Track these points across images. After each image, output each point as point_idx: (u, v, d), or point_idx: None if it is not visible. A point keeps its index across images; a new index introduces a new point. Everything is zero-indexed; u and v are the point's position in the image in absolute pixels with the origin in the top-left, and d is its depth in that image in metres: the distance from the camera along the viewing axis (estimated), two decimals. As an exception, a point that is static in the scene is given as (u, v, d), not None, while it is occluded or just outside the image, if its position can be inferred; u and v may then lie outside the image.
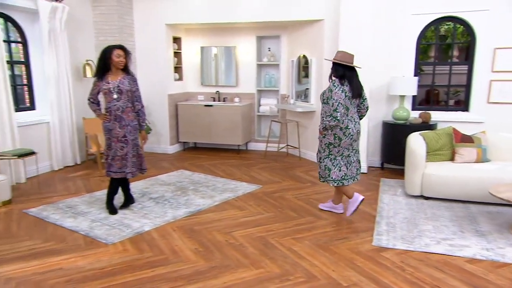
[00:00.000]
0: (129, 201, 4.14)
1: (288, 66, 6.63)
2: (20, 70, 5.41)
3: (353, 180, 3.76)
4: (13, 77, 5.20)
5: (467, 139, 4.45)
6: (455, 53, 7.61)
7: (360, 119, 3.77)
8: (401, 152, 5.01)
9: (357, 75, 3.61)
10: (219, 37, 6.93)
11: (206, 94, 7.19)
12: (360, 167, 3.84)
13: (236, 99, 6.87)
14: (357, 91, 3.57)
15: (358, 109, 3.71)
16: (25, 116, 5.28)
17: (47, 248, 3.21)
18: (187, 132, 6.88)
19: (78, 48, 5.89)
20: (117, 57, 3.69)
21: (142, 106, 3.92)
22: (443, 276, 2.76)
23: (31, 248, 3.21)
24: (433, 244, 3.23)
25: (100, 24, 6.11)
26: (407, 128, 5.20)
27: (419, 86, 5.49)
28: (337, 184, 3.72)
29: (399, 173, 5.40)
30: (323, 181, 3.80)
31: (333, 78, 3.60)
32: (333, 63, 3.59)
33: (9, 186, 4.25)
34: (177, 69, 6.95)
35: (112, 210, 3.94)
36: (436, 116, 5.45)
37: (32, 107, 5.51)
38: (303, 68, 6.37)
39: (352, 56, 3.57)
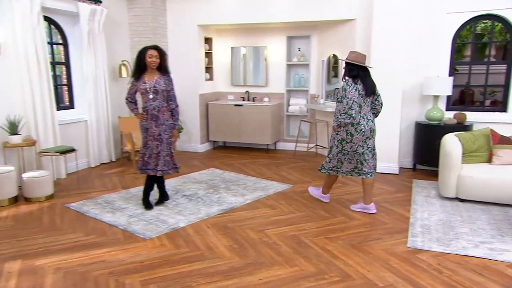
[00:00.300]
0: (164, 198, 4.26)
1: (318, 66, 6.62)
2: (60, 70, 5.66)
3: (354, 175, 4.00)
4: (54, 77, 5.43)
5: (506, 141, 4.33)
6: (492, 52, 7.38)
7: (376, 116, 3.96)
8: (434, 153, 4.92)
9: (369, 75, 3.80)
10: (249, 37, 6.99)
11: (236, 94, 7.27)
12: (375, 165, 3.94)
13: (266, 99, 6.92)
14: (370, 89, 3.77)
15: (373, 106, 3.88)
16: (65, 115, 5.51)
17: (90, 241, 3.36)
18: (217, 131, 6.98)
19: (114, 49, 6.09)
20: (149, 57, 3.78)
21: (176, 106, 3.99)
22: (483, 280, 2.71)
23: (75, 241, 3.36)
24: (471, 247, 3.17)
25: (135, 26, 6.29)
26: (441, 128, 5.10)
27: (454, 86, 5.36)
28: (346, 175, 4.00)
29: (432, 175, 5.30)
30: (324, 172, 4.05)
31: (347, 78, 3.79)
32: (347, 63, 3.77)
33: (52, 182, 4.46)
34: (208, 69, 7.07)
35: (148, 205, 4.08)
36: (471, 117, 5.32)
37: (71, 106, 5.75)
38: (332, 68, 6.35)
39: (364, 57, 3.78)
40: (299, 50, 6.82)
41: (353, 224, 3.73)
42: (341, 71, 5.98)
